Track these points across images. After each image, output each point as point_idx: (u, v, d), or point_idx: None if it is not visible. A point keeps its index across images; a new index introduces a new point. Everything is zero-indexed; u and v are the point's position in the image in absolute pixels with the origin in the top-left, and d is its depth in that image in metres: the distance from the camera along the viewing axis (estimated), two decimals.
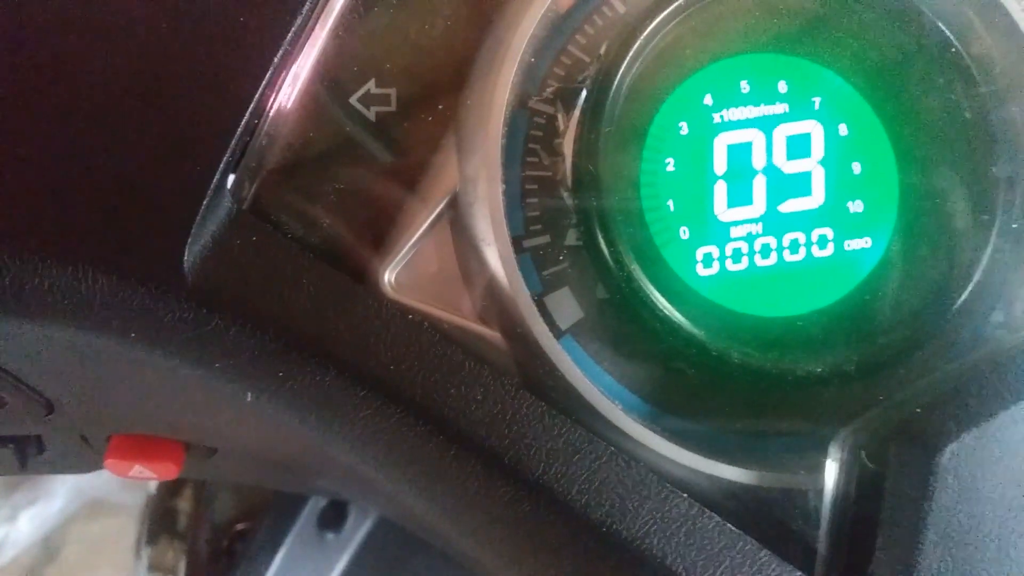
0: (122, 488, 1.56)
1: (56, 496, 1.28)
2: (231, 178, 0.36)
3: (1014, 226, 0.39)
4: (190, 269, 0.35)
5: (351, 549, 0.79)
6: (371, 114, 0.40)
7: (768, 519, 0.37)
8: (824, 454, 0.36)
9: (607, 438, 0.36)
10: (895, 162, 0.41)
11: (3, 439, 0.47)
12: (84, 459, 0.49)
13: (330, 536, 0.79)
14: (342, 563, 0.78)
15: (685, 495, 0.35)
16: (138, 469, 0.47)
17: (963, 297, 0.39)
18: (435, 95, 0.40)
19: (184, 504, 0.95)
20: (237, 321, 0.35)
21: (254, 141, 0.37)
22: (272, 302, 0.35)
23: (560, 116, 0.40)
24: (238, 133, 0.36)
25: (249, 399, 0.36)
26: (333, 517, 0.79)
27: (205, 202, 0.35)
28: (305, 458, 0.46)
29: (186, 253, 0.35)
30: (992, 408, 0.33)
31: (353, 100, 0.39)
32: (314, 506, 0.79)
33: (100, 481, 1.53)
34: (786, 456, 0.38)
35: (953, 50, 0.39)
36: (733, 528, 0.35)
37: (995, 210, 0.39)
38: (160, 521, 0.97)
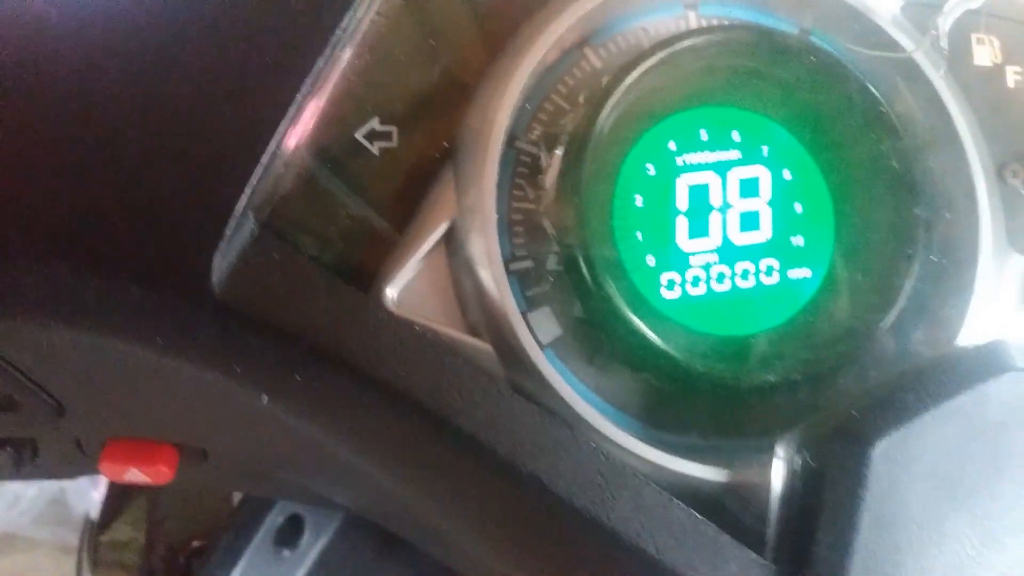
0: (35, 523, 1.54)
1: None
2: (254, 201, 0.40)
3: (932, 259, 0.46)
4: (217, 282, 0.39)
5: (307, 565, 0.82)
6: (375, 148, 0.44)
7: (725, 512, 0.42)
8: (773, 454, 0.42)
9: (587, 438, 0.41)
10: (831, 203, 0.47)
11: (1, 442, 0.49)
12: (76, 464, 0.52)
13: (286, 552, 0.81)
14: None
15: (656, 486, 0.40)
16: (133, 472, 0.49)
17: (891, 318, 0.45)
18: (433, 133, 0.45)
19: (121, 535, 0.95)
20: (258, 330, 0.39)
21: (273, 169, 0.41)
22: (290, 313, 0.39)
23: (543, 156, 0.45)
24: (262, 162, 0.40)
25: (265, 402, 0.40)
26: (289, 534, 0.81)
27: (231, 223, 0.39)
28: (301, 456, 0.49)
29: (213, 268, 0.39)
30: (917, 411, 0.39)
31: (358, 135, 0.44)
32: (271, 523, 0.81)
33: (12, 515, 1.51)
34: (742, 456, 0.43)
35: (882, 109, 0.45)
36: (698, 515, 0.40)
37: (916, 246, 0.45)
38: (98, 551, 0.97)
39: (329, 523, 0.84)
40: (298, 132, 0.42)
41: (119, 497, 1.01)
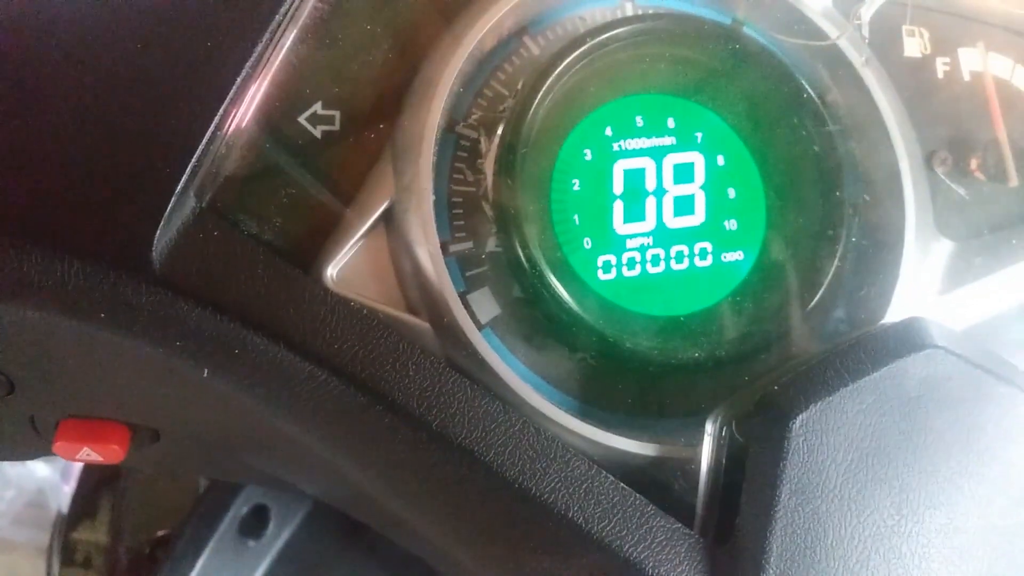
0: (13, 525, 1.54)
1: None
2: (195, 180, 0.41)
3: (854, 240, 0.47)
4: (158, 258, 0.40)
5: (271, 555, 0.82)
6: (317, 132, 0.45)
7: (654, 485, 0.43)
8: (701, 429, 0.43)
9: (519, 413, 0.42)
10: (763, 188, 0.49)
11: None
12: (31, 445, 0.52)
13: (251, 543, 0.82)
14: (262, 569, 0.82)
15: (585, 458, 0.41)
16: (85, 451, 0.50)
17: (815, 299, 0.46)
18: (374, 117, 0.46)
19: (91, 535, 0.96)
20: (198, 304, 0.40)
21: (216, 149, 0.42)
22: (230, 288, 0.40)
23: (483, 140, 0.46)
24: (203, 143, 0.41)
25: (205, 375, 0.41)
26: (254, 524, 0.82)
27: (172, 200, 0.40)
28: (248, 434, 0.50)
29: (155, 244, 0.40)
30: (836, 386, 0.40)
31: (301, 119, 0.45)
32: (235, 513, 0.82)
33: None
34: (672, 431, 0.44)
35: (807, 96, 0.47)
36: (625, 487, 0.41)
37: (840, 227, 0.47)
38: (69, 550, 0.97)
39: (294, 514, 0.85)
40: (241, 114, 0.43)
41: (88, 494, 1.02)
